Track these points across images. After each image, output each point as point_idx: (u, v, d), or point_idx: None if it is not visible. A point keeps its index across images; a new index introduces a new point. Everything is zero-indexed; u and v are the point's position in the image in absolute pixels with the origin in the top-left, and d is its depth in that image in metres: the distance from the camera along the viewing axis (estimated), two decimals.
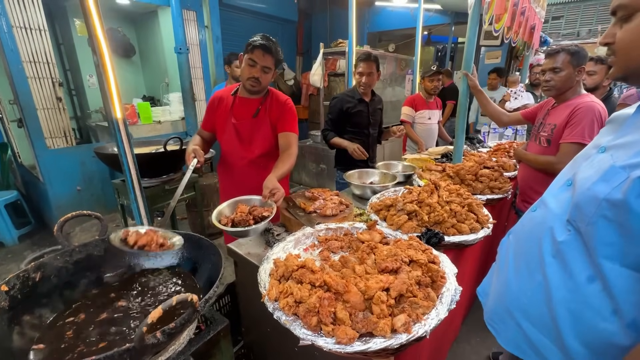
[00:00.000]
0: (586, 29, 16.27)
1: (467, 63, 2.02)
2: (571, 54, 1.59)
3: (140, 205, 1.57)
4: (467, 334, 2.14)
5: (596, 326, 0.70)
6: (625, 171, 0.64)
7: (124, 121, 1.44)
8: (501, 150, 2.67)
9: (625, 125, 0.74)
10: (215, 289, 0.87)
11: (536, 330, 0.83)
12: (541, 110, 1.87)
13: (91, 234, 3.51)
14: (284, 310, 0.83)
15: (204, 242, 1.16)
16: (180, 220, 3.50)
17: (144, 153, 2.12)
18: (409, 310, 0.81)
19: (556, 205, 0.83)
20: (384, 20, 6.49)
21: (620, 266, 0.66)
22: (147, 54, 4.96)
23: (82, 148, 3.69)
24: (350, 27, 2.92)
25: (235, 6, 5.19)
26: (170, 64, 4.45)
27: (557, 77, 1.63)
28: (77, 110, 4.60)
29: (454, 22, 6.08)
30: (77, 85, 4.49)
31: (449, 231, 1.29)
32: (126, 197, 2.28)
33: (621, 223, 0.64)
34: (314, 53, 6.27)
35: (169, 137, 2.07)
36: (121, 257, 1.12)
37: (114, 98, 1.39)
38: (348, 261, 1.04)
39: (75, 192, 3.60)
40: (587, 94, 1.67)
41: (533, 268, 0.84)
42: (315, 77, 3.66)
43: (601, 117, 1.53)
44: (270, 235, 1.36)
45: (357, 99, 2.36)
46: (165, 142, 2.00)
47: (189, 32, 4.22)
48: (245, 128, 1.65)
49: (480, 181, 1.74)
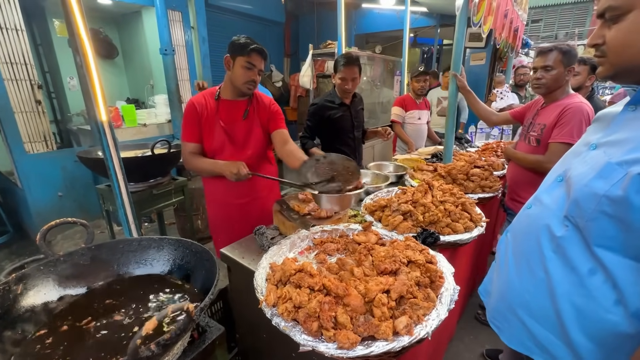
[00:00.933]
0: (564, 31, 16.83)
1: (456, 64, 2.05)
2: (563, 52, 1.63)
3: (128, 211, 1.52)
4: (460, 332, 2.16)
5: (600, 318, 0.72)
6: (623, 168, 0.65)
7: (110, 124, 1.39)
8: (489, 150, 2.72)
9: (614, 122, 0.76)
10: (210, 296, 0.84)
11: (540, 326, 0.83)
12: (530, 110, 1.91)
13: (74, 241, 3.39)
14: (283, 316, 0.81)
15: (196, 248, 1.13)
16: (168, 225, 3.41)
17: (131, 157, 2.06)
18: (410, 311, 0.80)
19: (550, 201, 0.84)
20: (370, 22, 6.54)
21: (622, 258, 0.67)
22: (131, 55, 4.84)
23: (64, 152, 3.56)
24: (339, 29, 2.92)
25: (221, 7, 5.14)
26: (155, 65, 4.35)
27: (548, 75, 1.66)
28: (58, 113, 4.44)
29: (439, 24, 6.19)
30: (57, 87, 4.34)
31: (444, 231, 1.29)
32: (112, 203, 2.21)
33: (621, 218, 0.65)
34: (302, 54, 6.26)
35: (156, 140, 2.02)
36: (109, 265, 1.07)
37: (98, 100, 1.35)
38: (345, 263, 1.03)
39: (56, 199, 3.47)
40: (576, 94, 1.71)
41: (534, 265, 0.85)
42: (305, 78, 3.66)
43: (589, 118, 1.57)
44: (264, 238, 1.34)
45: (338, 103, 2.22)
46: (152, 145, 1.95)
47: (175, 33, 4.14)
48: (237, 130, 1.62)
49: (472, 180, 1.76)
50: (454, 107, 2.13)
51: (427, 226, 1.32)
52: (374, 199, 1.63)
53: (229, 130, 1.61)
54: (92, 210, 3.68)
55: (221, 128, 1.60)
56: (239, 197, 1.72)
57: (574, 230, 0.75)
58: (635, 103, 0.71)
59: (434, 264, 1.01)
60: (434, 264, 1.00)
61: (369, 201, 1.59)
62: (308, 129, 2.25)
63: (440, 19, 6.08)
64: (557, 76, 1.66)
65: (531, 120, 1.82)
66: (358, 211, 1.61)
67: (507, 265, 0.96)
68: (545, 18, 15.41)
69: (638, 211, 0.63)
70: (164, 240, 1.17)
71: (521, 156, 1.79)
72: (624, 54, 0.69)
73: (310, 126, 2.24)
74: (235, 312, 1.42)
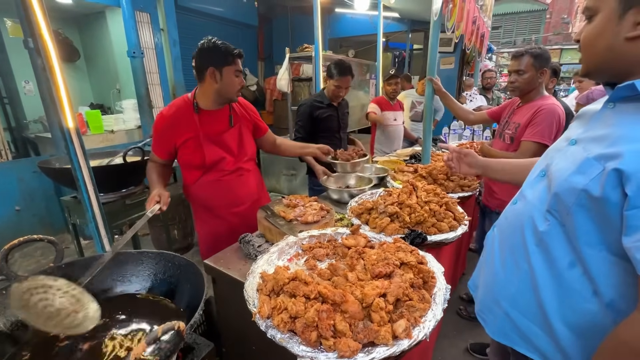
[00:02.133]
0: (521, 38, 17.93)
1: (431, 68, 2.11)
2: (534, 56, 1.73)
3: (100, 224, 1.42)
4: (444, 328, 2.21)
5: (580, 308, 0.75)
6: (600, 163, 0.68)
7: (77, 130, 1.30)
8: None
9: (593, 119, 0.80)
10: (200, 312, 0.80)
11: (524, 318, 0.86)
12: (506, 110, 2.01)
13: (34, 259, 3.11)
14: (278, 327, 0.78)
15: (180, 261, 1.07)
16: (142, 236, 3.23)
17: (101, 166, 1.94)
18: (407, 314, 0.80)
19: (533, 195, 0.88)
20: (344, 26, 6.63)
21: (598, 251, 0.71)
22: (94, 59, 4.57)
23: (20, 163, 3.28)
24: (316, 32, 2.93)
25: (192, 9, 4.98)
26: (122, 68, 4.13)
27: (521, 78, 1.76)
28: (12, 120, 4.08)
29: (410, 29, 6.39)
30: (11, 92, 3.98)
31: (430, 230, 1.31)
32: (79, 216, 2.05)
33: (599, 212, 0.69)
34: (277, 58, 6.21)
35: (129, 148, 1.90)
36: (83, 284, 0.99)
37: (64, 105, 1.25)
38: (337, 268, 1.01)
39: (13, 213, 3.18)
40: (549, 96, 1.82)
41: (518, 258, 0.87)
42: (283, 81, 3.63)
43: (560, 120, 1.68)
44: (250, 247, 1.30)
45: (326, 103, 2.37)
46: (124, 153, 1.84)
47: (143, 35, 3.96)
48: (228, 139, 1.56)
49: (452, 180, 1.81)
50: (430, 110, 2.19)
51: (414, 227, 1.33)
52: (359, 201, 1.63)
53: (219, 141, 1.53)
54: (55, 225, 3.41)
55: (210, 141, 1.51)
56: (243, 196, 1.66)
57: (556, 224, 0.79)
58: (614, 100, 0.75)
59: (425, 264, 1.02)
60: (424, 265, 1.01)
61: (355, 204, 1.59)
62: (301, 128, 2.35)
63: (411, 24, 6.28)
64: (529, 79, 1.76)
65: (507, 119, 1.92)
66: (344, 215, 1.60)
67: (493, 259, 0.98)
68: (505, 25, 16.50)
69: (614, 206, 0.66)
70: (143, 254, 1.11)
71: (497, 153, 1.88)
72: (588, 52, 0.76)
73: (302, 126, 2.34)
74: (221, 325, 1.36)
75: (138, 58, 3.42)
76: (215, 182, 1.58)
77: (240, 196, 1.65)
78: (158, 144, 1.51)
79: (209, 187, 1.58)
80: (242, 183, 1.65)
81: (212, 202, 1.62)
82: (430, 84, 2.13)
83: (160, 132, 1.49)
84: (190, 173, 1.58)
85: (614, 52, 0.71)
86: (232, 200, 1.63)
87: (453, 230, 1.34)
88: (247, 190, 1.67)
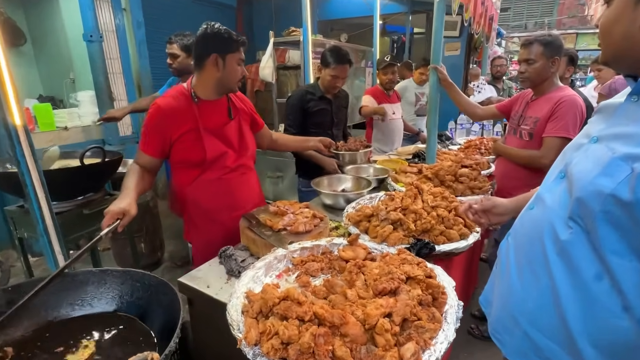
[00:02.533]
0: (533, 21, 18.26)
1: (436, 55, 2.14)
2: (544, 44, 1.78)
3: (53, 238, 1.39)
4: (454, 349, 2.23)
5: (610, 325, 0.76)
6: (628, 164, 0.70)
7: (26, 128, 1.26)
8: (472, 147, 2.87)
9: (616, 114, 0.82)
10: (176, 339, 0.79)
11: (545, 337, 0.87)
12: (517, 103, 2.05)
13: None
14: (268, 355, 0.77)
15: (150, 280, 1.06)
16: (101, 251, 3.16)
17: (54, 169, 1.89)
18: (416, 336, 0.81)
19: (552, 200, 0.89)
20: (335, 8, 6.66)
21: (629, 261, 0.72)
22: (43, 43, 4.46)
23: None
24: (304, 14, 2.93)
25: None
26: (77, 55, 4.05)
27: (531, 68, 1.81)
28: None
29: (410, 11, 6.47)
30: None
31: (438, 239, 1.33)
32: (27, 229, 2.00)
33: (629, 218, 0.70)
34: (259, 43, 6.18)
35: (86, 148, 1.86)
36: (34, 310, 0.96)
37: (9, 99, 1.22)
38: (334, 285, 1.01)
39: None
40: (566, 86, 1.87)
41: (538, 269, 0.88)
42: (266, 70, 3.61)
43: (582, 112, 1.73)
44: (232, 262, 1.28)
45: (319, 95, 2.37)
46: (82, 154, 1.80)
47: (102, 16, 3.91)
48: (229, 132, 1.60)
49: (460, 182, 1.84)
50: (436, 102, 2.22)
51: (420, 235, 1.34)
52: (357, 207, 1.63)
53: (220, 134, 1.56)
54: None
55: (211, 134, 1.53)
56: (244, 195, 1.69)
57: (579, 232, 0.80)
58: (637, 93, 0.78)
59: (434, 278, 1.03)
60: (433, 278, 1.02)
61: (352, 210, 1.59)
62: (293, 123, 2.37)
63: (412, 5, 6.35)
64: (540, 69, 1.81)
65: (521, 114, 1.96)
66: (340, 222, 1.60)
67: (508, 271, 0.99)
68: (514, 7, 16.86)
69: None
70: (107, 272, 1.09)
71: (514, 152, 1.91)
72: (606, 40, 0.79)
73: (293, 119, 2.37)
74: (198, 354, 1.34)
75: (96, 42, 3.36)
76: (216, 182, 1.59)
77: (243, 198, 1.67)
78: (150, 138, 1.50)
79: (209, 187, 1.59)
80: (244, 183, 1.68)
81: (212, 204, 1.61)
82: (435, 72, 2.16)
83: (154, 124, 1.49)
84: (185, 173, 1.59)
85: (629, 41, 0.74)
86: (234, 202, 1.64)
87: (464, 239, 1.35)
88: (249, 191, 1.71)
